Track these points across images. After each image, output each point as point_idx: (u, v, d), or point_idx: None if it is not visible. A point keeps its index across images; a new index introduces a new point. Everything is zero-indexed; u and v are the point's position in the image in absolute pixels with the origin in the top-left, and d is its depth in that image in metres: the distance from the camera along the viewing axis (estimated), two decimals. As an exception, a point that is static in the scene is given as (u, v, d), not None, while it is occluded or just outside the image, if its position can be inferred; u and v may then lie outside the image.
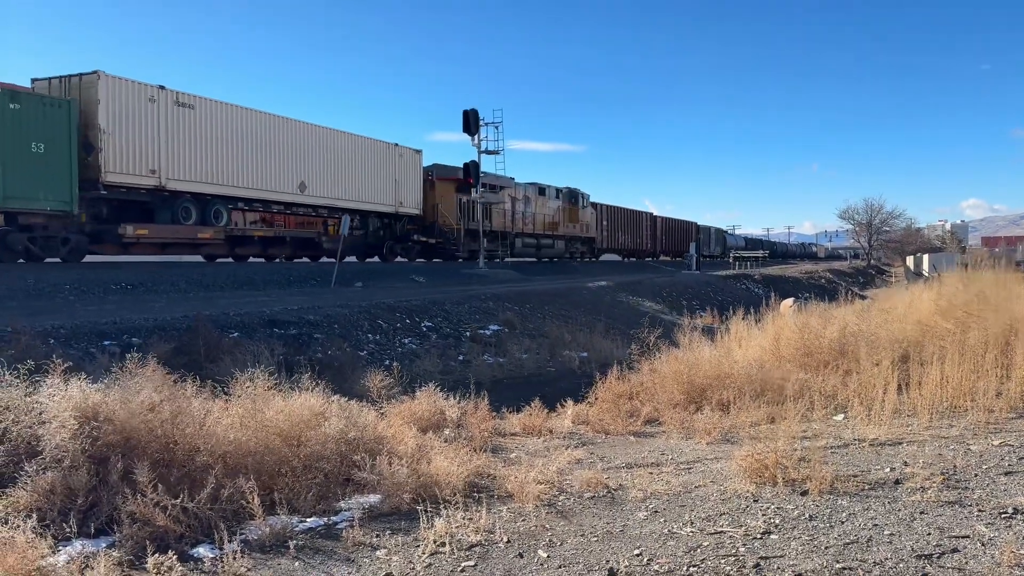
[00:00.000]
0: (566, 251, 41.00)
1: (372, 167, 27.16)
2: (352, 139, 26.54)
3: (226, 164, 21.33)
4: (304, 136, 24.29)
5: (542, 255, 38.49)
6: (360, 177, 26.61)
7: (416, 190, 29.67)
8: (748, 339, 10.58)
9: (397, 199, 28.45)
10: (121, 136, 18.20)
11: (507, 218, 34.11)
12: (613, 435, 7.31)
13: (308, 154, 24.33)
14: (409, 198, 29.25)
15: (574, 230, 41.19)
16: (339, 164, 25.69)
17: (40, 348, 7.61)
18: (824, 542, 4.09)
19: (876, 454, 5.86)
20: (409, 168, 29.33)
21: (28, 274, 14.24)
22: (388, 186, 27.97)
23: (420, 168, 30.10)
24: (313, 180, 24.50)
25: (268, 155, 22.74)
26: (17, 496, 4.48)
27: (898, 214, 76.18)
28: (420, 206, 29.83)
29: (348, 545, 4.41)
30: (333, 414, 6.02)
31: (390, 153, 28.23)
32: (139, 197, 19.31)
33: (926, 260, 51.83)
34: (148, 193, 19.36)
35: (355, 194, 26.37)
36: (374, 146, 27.60)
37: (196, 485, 4.68)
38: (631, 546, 4.21)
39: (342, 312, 12.67)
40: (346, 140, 26.34)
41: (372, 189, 27.14)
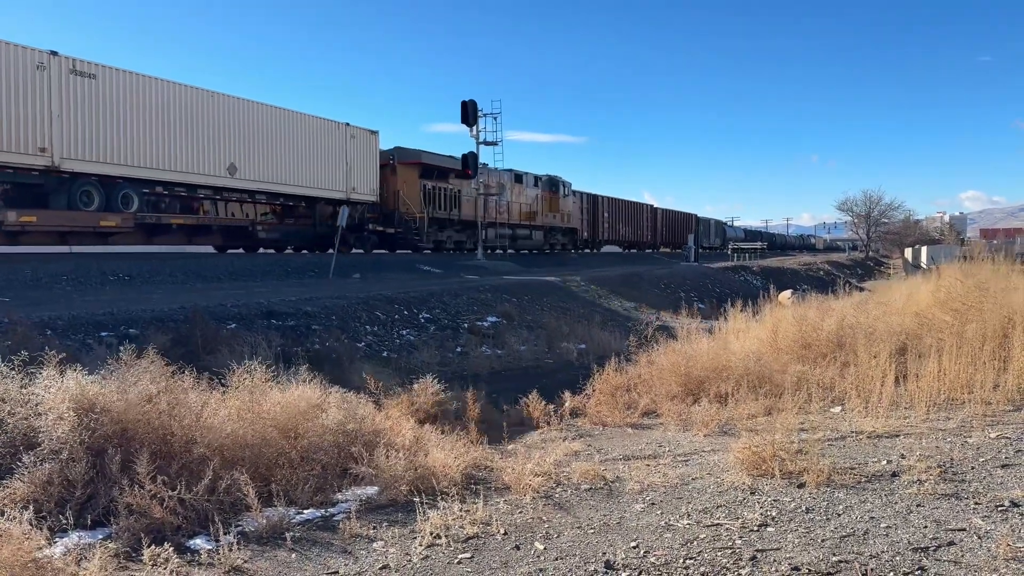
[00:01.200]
0: (545, 243, 38.78)
1: (317, 149, 24.44)
2: (293, 117, 23.68)
3: (138, 143, 18.64)
4: (234, 113, 21.46)
5: (518, 247, 36.28)
6: (303, 159, 23.79)
7: (372, 175, 26.95)
8: (746, 331, 10.58)
9: (349, 184, 25.65)
10: (1, 109, 15.73)
11: (477, 206, 31.77)
12: (611, 427, 7.32)
13: (239, 133, 21.54)
14: (363, 184, 26.46)
15: (554, 220, 38.91)
16: (277, 145, 22.86)
17: (37, 339, 7.60)
18: (821, 535, 4.10)
19: (873, 446, 5.86)
20: (363, 151, 26.49)
21: (26, 265, 14.21)
22: (337, 170, 25.22)
23: (376, 151, 27.26)
24: (245, 162, 21.65)
25: (190, 133, 20.04)
26: (14, 488, 4.47)
27: (896, 206, 76.31)
28: (376, 192, 27.09)
29: (345, 537, 4.41)
30: (331, 406, 6.02)
31: (339, 134, 25.39)
32: (29, 179, 16.82)
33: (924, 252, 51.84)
34: (40, 175, 16.90)
35: (297, 178, 23.62)
36: (319, 125, 24.73)
37: (193, 477, 4.68)
38: (628, 538, 4.21)
39: (340, 303, 12.66)
40: (285, 118, 23.39)
41: (318, 173, 24.38)
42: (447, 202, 30.11)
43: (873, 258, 70.24)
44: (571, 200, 40.47)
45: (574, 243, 42.28)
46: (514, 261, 30.60)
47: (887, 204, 74.78)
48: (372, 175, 26.97)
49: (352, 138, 25.94)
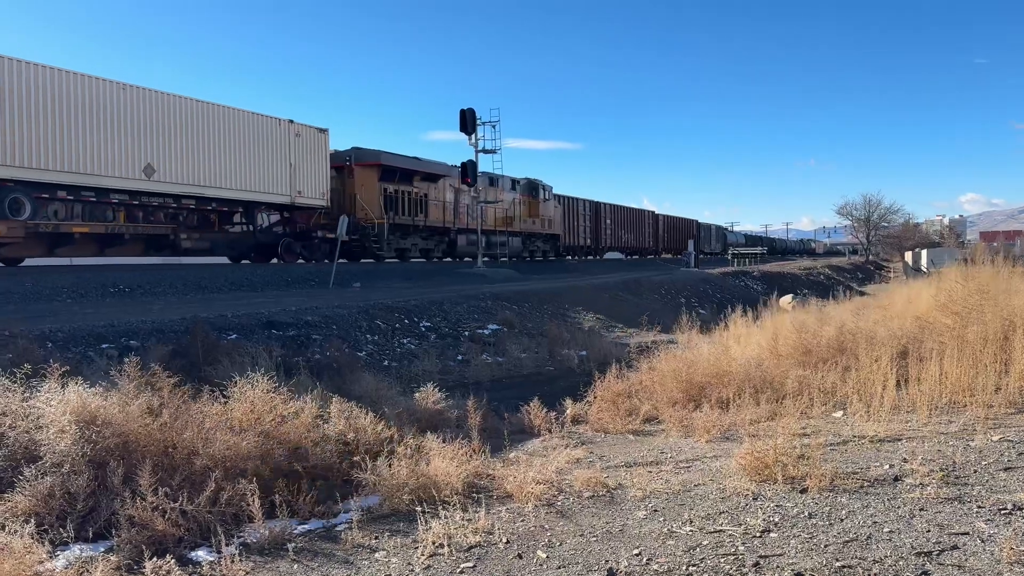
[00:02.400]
0: (524, 249, 36.34)
1: (255, 148, 21.93)
2: (223, 112, 21.15)
3: (31, 140, 16.45)
4: (149, 107, 19.04)
5: (494, 254, 33.88)
6: (237, 160, 21.34)
7: (321, 177, 24.59)
8: (747, 337, 10.57)
9: (293, 188, 23.27)
10: None
11: (446, 211, 29.90)
12: (612, 434, 7.31)
13: (157, 130, 19.14)
14: (311, 187, 24.05)
15: (533, 226, 36.69)
16: (205, 143, 20.47)
17: (37, 352, 7.60)
18: (824, 540, 4.09)
19: (875, 451, 5.85)
20: (310, 151, 24.07)
21: (26, 277, 14.23)
22: (280, 172, 22.75)
23: (326, 151, 24.93)
24: (165, 163, 19.35)
25: (97, 130, 17.66)
26: (15, 501, 4.47)
27: (896, 209, 76.52)
28: (326, 196, 24.76)
29: (347, 547, 4.40)
30: (332, 416, 6.02)
31: (281, 132, 22.93)
32: None
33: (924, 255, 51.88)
34: None
35: (230, 180, 21.11)
36: (256, 122, 22.16)
37: (195, 489, 4.67)
38: (631, 546, 4.20)
39: (340, 313, 12.66)
40: (214, 113, 20.88)
41: (256, 175, 21.93)
42: (411, 207, 27.95)
43: (873, 262, 70.30)
44: (552, 205, 38.60)
45: (556, 250, 40.27)
46: (514, 269, 30.59)
47: (887, 208, 75.01)
48: (322, 177, 24.65)
49: (297, 136, 23.50)
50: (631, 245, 50.97)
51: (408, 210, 27.71)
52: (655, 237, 54.93)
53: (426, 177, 28.72)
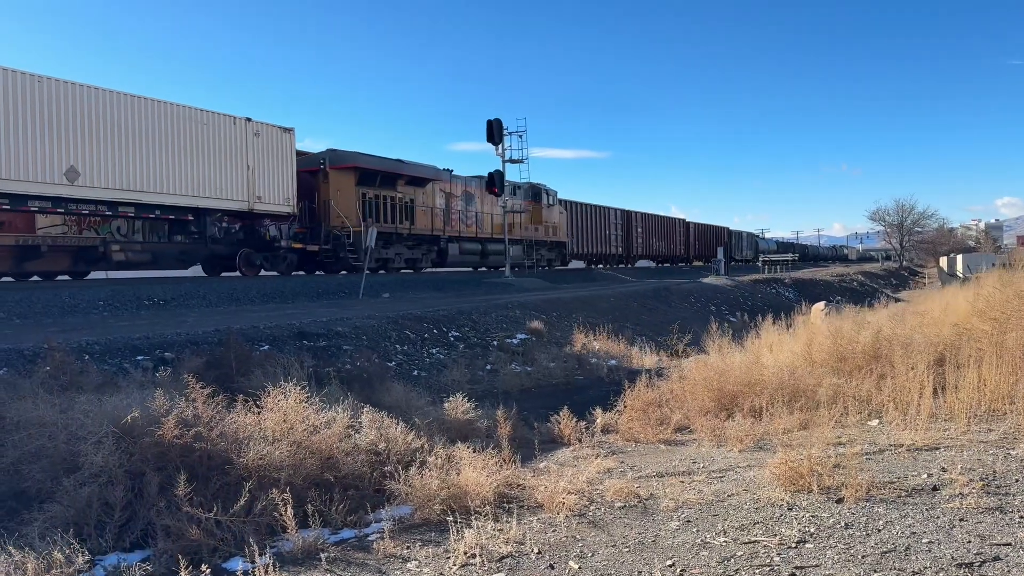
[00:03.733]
0: (526, 258, 33.81)
1: (204, 149, 19.59)
2: (165, 109, 18.66)
3: None
4: (71, 103, 16.72)
5: (490, 263, 31.83)
6: (182, 162, 19.00)
7: (286, 181, 22.03)
8: (779, 345, 10.45)
9: (252, 193, 20.80)
10: None
11: (435, 217, 27.63)
12: (643, 443, 7.25)
13: (82, 129, 16.84)
14: (273, 191, 21.56)
15: (536, 233, 34.27)
16: (142, 144, 18.01)
17: (75, 364, 7.73)
18: (861, 551, 4.02)
19: (913, 460, 5.75)
20: (272, 152, 21.61)
21: (63, 291, 14.50)
22: (235, 175, 20.41)
23: (291, 152, 22.39)
24: (93, 165, 17.01)
25: (6, 129, 15.49)
26: (55, 511, 4.55)
27: (930, 214, 75.44)
28: (292, 202, 22.21)
29: (379, 557, 4.42)
30: (363, 426, 6.06)
31: (236, 131, 20.52)
32: None
33: (960, 261, 51.00)
34: None
35: (172, 185, 18.68)
36: (206, 120, 19.73)
37: (229, 498, 4.72)
38: (664, 557, 4.16)
39: (370, 323, 12.73)
40: (153, 111, 18.35)
41: (205, 179, 19.61)
42: (395, 213, 25.61)
43: (907, 268, 69.28)
44: (557, 211, 36.38)
45: (562, 259, 37.89)
46: (542, 278, 30.57)
47: (920, 213, 73.97)
48: (286, 181, 22.11)
49: (256, 136, 21.07)
50: (662, 253, 51.14)
51: (391, 217, 25.46)
52: (686, 245, 55.11)
53: (412, 181, 26.51)
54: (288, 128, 22.37)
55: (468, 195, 30.17)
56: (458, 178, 29.56)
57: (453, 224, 28.81)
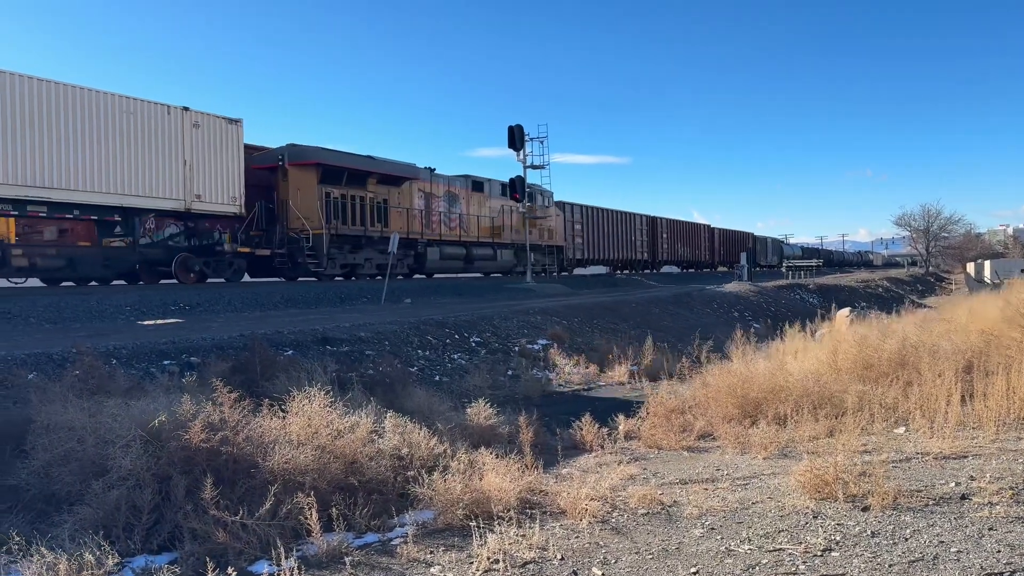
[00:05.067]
0: (518, 263, 31.59)
1: (130, 141, 17.42)
2: (82, 96, 16.58)
3: None
4: None
5: (477, 269, 29.54)
6: (103, 156, 16.88)
7: (231, 178, 19.92)
8: (804, 351, 10.37)
9: (189, 191, 18.74)
10: None
11: (412, 219, 25.51)
12: (666, 450, 7.23)
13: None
14: (216, 190, 19.47)
15: (530, 237, 31.73)
16: (53, 136, 15.99)
17: (103, 368, 7.84)
18: (888, 560, 3.98)
19: (940, 468, 5.68)
20: (216, 146, 19.45)
21: (91, 296, 14.71)
22: (169, 171, 18.29)
23: (238, 147, 20.19)
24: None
25: None
26: (85, 513, 4.62)
27: (957, 219, 74.51)
28: (240, 201, 20.06)
29: (403, 561, 4.44)
30: (387, 431, 6.09)
31: (171, 122, 18.37)
32: None
33: (988, 266, 50.31)
34: None
35: (91, 181, 16.62)
36: (132, 109, 17.50)
37: (254, 502, 4.77)
38: (687, 564, 4.15)
39: (392, 329, 12.80)
40: (67, 97, 16.32)
41: (131, 175, 17.45)
42: (364, 215, 23.42)
43: (933, 274, 68.44)
44: (553, 213, 33.91)
45: (559, 264, 35.49)
46: (563, 284, 30.54)
47: (946, 218, 73.07)
48: (232, 178, 19.98)
49: (195, 127, 18.98)
50: (687, 258, 51.51)
51: (359, 218, 23.25)
52: (711, 250, 55.36)
53: (385, 179, 24.34)
54: (235, 119, 20.12)
55: (451, 196, 28.02)
56: (440, 177, 27.58)
57: (434, 227, 26.76)
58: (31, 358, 8.28)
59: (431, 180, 26.80)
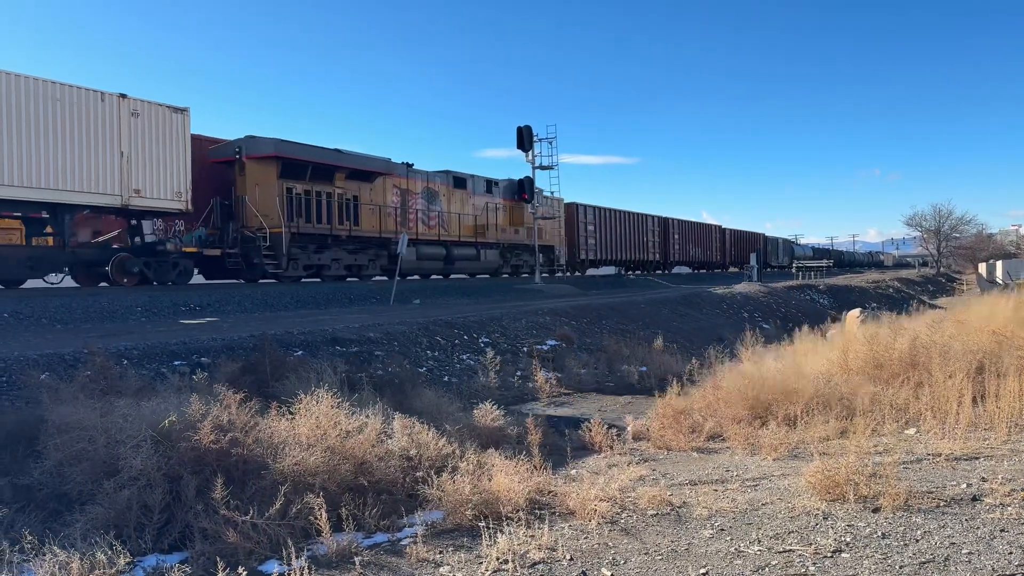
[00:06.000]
0: (504, 264, 30.21)
1: (58, 131, 15.77)
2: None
3: None
4: None
5: (458, 270, 27.75)
6: (25, 147, 15.27)
7: (177, 172, 18.12)
8: (814, 352, 10.33)
9: (126, 185, 17.00)
10: None
11: (385, 217, 23.88)
12: (675, 451, 7.21)
13: None
14: (158, 184, 17.69)
15: (517, 236, 30.37)
16: None
17: (114, 369, 7.89)
18: (898, 561, 3.96)
19: (951, 469, 5.65)
20: (158, 136, 17.71)
21: (103, 296, 14.79)
22: (103, 163, 16.59)
23: (184, 137, 18.35)
24: None
25: None
26: (96, 513, 4.65)
27: (968, 219, 74.03)
28: (187, 197, 18.27)
29: (412, 561, 4.44)
30: (396, 431, 6.10)
31: (105, 110, 16.65)
32: None
33: (1000, 267, 49.98)
34: None
35: (10, 174, 15.05)
36: (59, 95, 15.84)
37: (265, 502, 4.78)
38: (697, 565, 4.14)
39: (401, 329, 12.82)
40: None
41: (60, 168, 15.85)
42: (331, 212, 21.85)
43: (945, 274, 68.07)
44: (528, 209, 31.62)
45: (551, 265, 33.72)
46: (572, 285, 30.52)
47: (958, 218, 72.67)
48: (177, 172, 18.24)
49: (134, 116, 17.23)
50: (698, 259, 51.78)
51: (325, 216, 21.70)
52: (722, 251, 55.58)
53: (355, 175, 22.72)
54: (180, 108, 18.29)
55: (431, 192, 26.30)
56: (418, 173, 25.89)
57: (411, 225, 25.04)
58: (43, 358, 8.34)
59: (408, 176, 25.21)
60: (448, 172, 27.53)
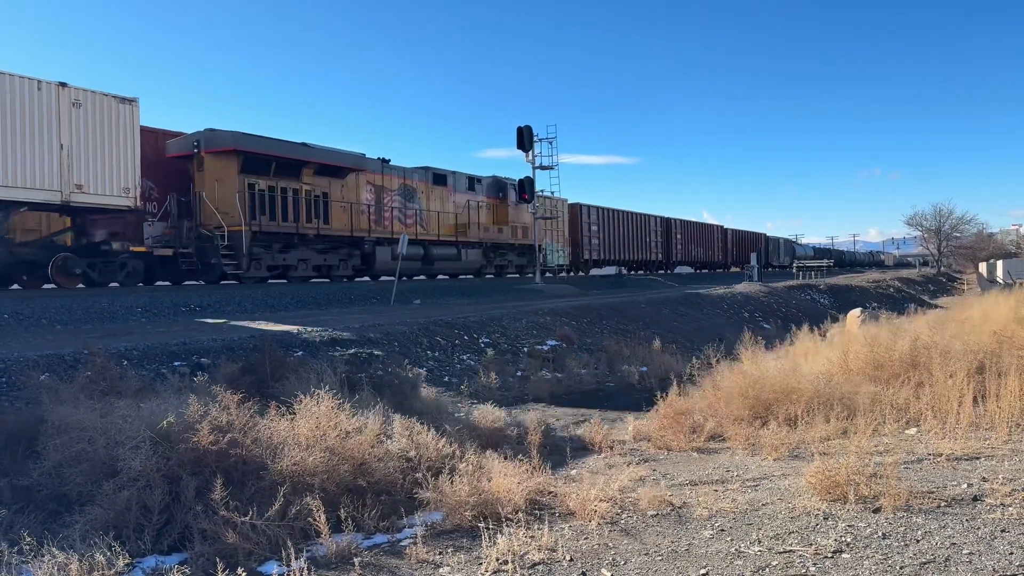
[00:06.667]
0: (487, 264, 29.08)
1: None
2: None
3: None
4: None
5: (438, 270, 26.30)
6: None
7: (124, 166, 16.86)
8: (814, 352, 10.32)
9: (67, 181, 15.88)
10: None
11: (358, 215, 22.80)
12: (675, 451, 7.21)
13: None
14: (104, 180, 16.46)
15: (501, 235, 29.18)
16: None
17: (114, 369, 7.89)
18: (899, 561, 3.95)
19: (952, 469, 5.64)
20: (103, 129, 16.45)
21: (102, 297, 14.79)
22: (41, 157, 15.42)
23: (133, 130, 17.06)
24: None
25: None
26: (95, 514, 4.64)
27: (969, 219, 73.98)
28: (135, 193, 17.02)
29: (412, 562, 4.44)
30: (395, 432, 6.09)
31: (42, 100, 15.45)
32: None
33: (1000, 266, 49.98)
34: None
35: None
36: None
37: (264, 503, 4.78)
38: (697, 565, 4.13)
39: (401, 330, 12.81)
40: None
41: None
42: (298, 210, 20.79)
43: (945, 274, 68.06)
44: (527, 209, 30.97)
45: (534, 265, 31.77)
46: (572, 285, 30.50)
47: (958, 218, 72.62)
48: (125, 166, 16.98)
49: (75, 106, 16.03)
50: (701, 259, 52.11)
51: (293, 214, 20.65)
52: (724, 251, 55.86)
53: (324, 170, 21.65)
54: (128, 98, 17.03)
55: (408, 190, 25.08)
56: (395, 169, 24.66)
57: (386, 223, 23.90)
58: (43, 359, 8.33)
59: (383, 172, 24.01)
60: (427, 168, 26.40)
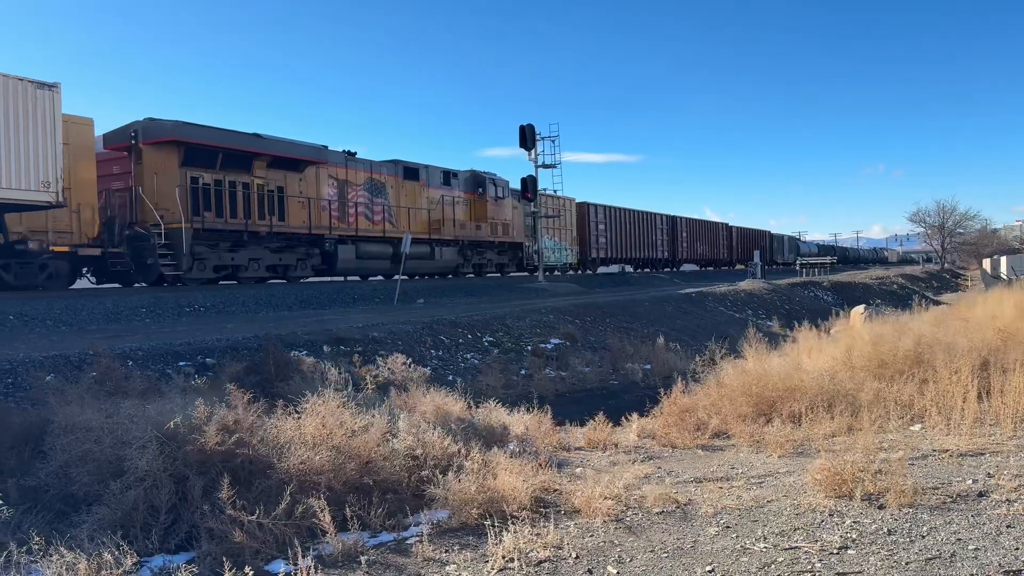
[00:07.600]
0: (465, 263, 27.68)
1: None
2: None
3: None
4: None
5: (408, 270, 23.53)
6: None
7: (45, 158, 14.81)
8: (818, 350, 10.32)
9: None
10: None
11: (318, 211, 21.37)
12: (680, 449, 7.21)
13: None
14: (20, 173, 14.44)
15: (480, 232, 27.82)
16: None
17: (119, 369, 7.91)
18: (904, 558, 3.95)
19: (957, 465, 5.64)
20: (19, 117, 14.41)
21: (107, 298, 14.82)
22: None
23: (54, 118, 14.96)
24: None
25: None
26: (103, 514, 4.66)
27: (972, 215, 73.90)
28: (57, 187, 14.95)
29: (418, 561, 4.45)
30: (400, 431, 6.11)
31: None
32: None
33: (1004, 262, 49.94)
34: None
35: None
36: None
37: (271, 502, 4.80)
38: (703, 562, 4.14)
39: (405, 329, 12.84)
40: None
41: None
42: (249, 205, 19.31)
43: (949, 270, 68.00)
44: (510, 205, 29.53)
45: (519, 262, 31.22)
46: (577, 282, 30.52)
47: (962, 214, 72.52)
48: (46, 159, 15.01)
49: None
50: (706, 257, 52.47)
51: (244, 210, 19.17)
52: (729, 248, 56.12)
53: (279, 163, 20.09)
54: (48, 84, 14.97)
55: (376, 184, 23.65)
56: (360, 162, 23.28)
57: (350, 220, 22.49)
58: (49, 360, 8.37)
59: (347, 165, 22.62)
60: (397, 162, 24.98)
